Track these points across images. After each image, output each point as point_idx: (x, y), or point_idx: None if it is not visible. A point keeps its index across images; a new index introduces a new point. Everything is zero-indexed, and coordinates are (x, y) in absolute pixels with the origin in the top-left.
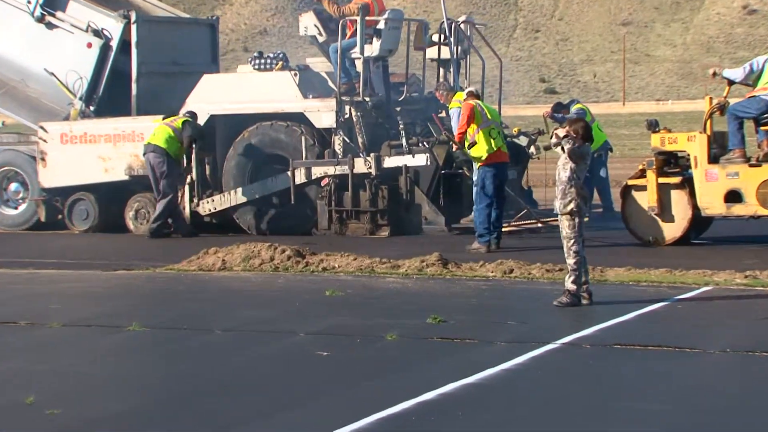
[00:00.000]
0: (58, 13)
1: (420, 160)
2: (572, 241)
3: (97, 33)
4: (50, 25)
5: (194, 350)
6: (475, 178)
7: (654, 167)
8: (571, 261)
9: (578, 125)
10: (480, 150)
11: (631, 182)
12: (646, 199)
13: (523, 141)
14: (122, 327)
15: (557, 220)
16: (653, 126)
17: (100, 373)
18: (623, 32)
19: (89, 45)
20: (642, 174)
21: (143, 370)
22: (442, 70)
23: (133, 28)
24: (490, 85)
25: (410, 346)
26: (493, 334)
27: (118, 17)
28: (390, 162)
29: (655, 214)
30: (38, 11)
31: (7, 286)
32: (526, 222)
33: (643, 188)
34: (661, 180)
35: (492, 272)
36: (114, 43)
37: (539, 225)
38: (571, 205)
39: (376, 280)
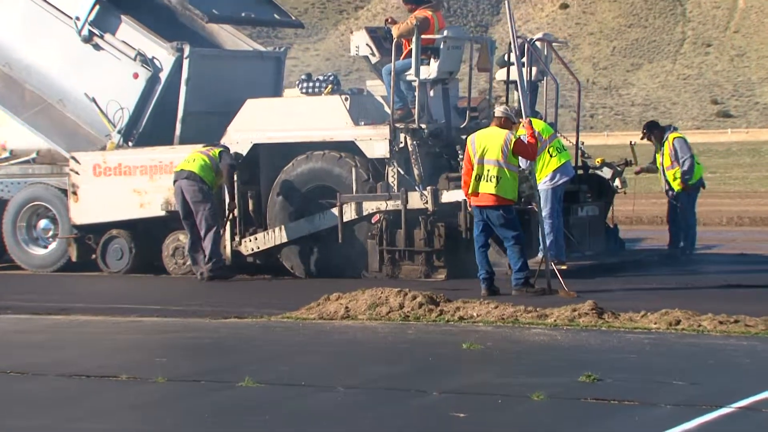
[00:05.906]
0: (107, 36)
1: None
2: None
3: (146, 62)
4: (97, 47)
5: (314, 410)
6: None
7: None
8: None
9: None
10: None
11: None
12: None
13: (606, 173)
14: (233, 383)
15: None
16: None
17: None
18: None
19: (135, 75)
20: None
21: None
22: (516, 94)
23: (186, 63)
24: (567, 110)
25: (560, 407)
26: (657, 396)
27: (171, 49)
28: (448, 196)
29: None
30: (86, 30)
31: (111, 335)
32: None
33: None
34: None
35: (655, 324)
36: (163, 76)
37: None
38: None
39: (521, 332)
